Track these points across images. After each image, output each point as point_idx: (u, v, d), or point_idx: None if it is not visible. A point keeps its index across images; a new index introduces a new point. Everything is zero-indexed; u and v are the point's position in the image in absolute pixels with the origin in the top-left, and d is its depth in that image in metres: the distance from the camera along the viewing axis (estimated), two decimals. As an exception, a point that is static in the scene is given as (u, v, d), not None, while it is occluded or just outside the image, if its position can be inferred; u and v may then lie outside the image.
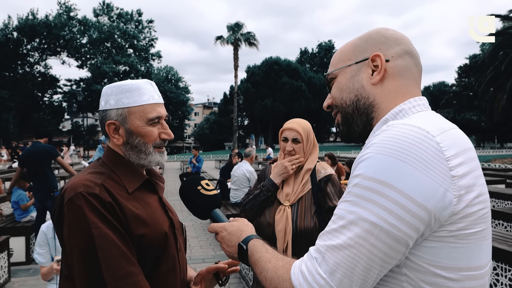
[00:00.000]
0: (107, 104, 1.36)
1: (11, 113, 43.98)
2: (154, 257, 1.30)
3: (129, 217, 1.23)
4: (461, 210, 0.79)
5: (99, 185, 1.23)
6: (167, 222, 1.39)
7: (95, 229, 1.15)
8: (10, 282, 5.14)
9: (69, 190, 1.21)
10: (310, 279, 0.82)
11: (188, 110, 64.50)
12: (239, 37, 45.21)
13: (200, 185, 1.34)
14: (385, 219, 0.77)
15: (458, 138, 0.86)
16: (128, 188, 1.31)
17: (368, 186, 0.80)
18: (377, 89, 0.98)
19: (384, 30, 1.03)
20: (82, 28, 49.61)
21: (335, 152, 42.20)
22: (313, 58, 69.25)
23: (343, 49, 1.06)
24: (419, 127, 0.82)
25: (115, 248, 1.16)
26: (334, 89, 1.06)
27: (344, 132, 1.07)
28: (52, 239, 3.02)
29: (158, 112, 1.37)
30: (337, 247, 0.81)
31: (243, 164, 7.30)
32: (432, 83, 74.78)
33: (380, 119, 0.98)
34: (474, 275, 0.83)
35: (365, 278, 0.80)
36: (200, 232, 7.88)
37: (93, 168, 1.35)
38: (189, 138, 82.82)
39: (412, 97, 0.97)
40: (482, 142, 66.89)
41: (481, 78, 34.46)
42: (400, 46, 0.99)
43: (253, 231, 1.16)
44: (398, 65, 0.98)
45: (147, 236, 1.26)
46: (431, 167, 0.78)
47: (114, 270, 1.15)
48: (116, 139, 1.36)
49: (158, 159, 1.39)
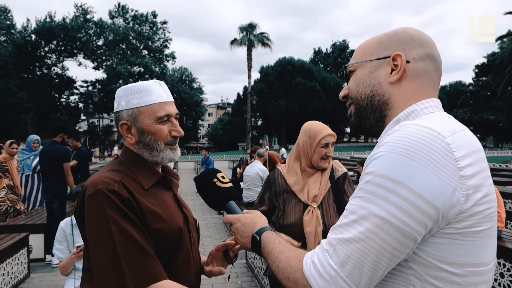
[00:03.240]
0: (119, 105, 1.44)
1: (29, 114, 44.86)
2: (170, 251, 1.36)
3: (146, 212, 1.30)
4: (468, 209, 0.82)
5: (117, 182, 1.29)
6: (182, 217, 1.46)
7: (113, 224, 1.21)
8: (30, 278, 5.28)
9: (90, 187, 1.28)
10: (322, 270, 0.86)
11: (202, 110, 64.86)
12: (253, 38, 45.28)
13: (216, 178, 1.39)
14: (395, 215, 0.80)
15: (468, 140, 0.88)
16: (144, 185, 1.37)
17: (380, 183, 0.83)
18: (393, 88, 1.00)
19: (411, 30, 1.03)
20: (98, 30, 50.33)
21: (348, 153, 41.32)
22: (327, 58, 68.88)
23: (367, 43, 1.08)
24: (430, 128, 0.85)
25: (132, 242, 1.22)
26: (352, 81, 1.08)
27: (355, 124, 1.10)
28: (70, 235, 3.12)
29: (167, 111, 1.43)
30: (348, 240, 0.84)
31: (256, 164, 7.33)
32: (449, 83, 73.79)
33: (392, 117, 1.00)
34: (478, 271, 0.86)
35: (374, 271, 0.83)
36: (213, 231, 7.95)
37: (112, 166, 1.42)
38: (203, 139, 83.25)
39: (426, 98, 0.99)
40: (500, 143, 65.70)
41: (499, 78, 33.88)
42: (424, 48, 1.00)
43: (266, 223, 1.21)
44: (418, 68, 0.99)
45: (163, 230, 1.32)
46: (441, 166, 0.80)
47: (132, 263, 1.20)
48: (129, 138, 1.43)
49: (170, 155, 1.44)
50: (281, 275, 0.97)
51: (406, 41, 1.00)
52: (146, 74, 50.90)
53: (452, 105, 63.20)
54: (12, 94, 41.25)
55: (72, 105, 54.48)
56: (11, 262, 4.83)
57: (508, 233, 4.92)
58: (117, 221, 1.22)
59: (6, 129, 37.45)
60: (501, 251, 4.38)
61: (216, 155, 39.69)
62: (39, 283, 5.10)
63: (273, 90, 54.87)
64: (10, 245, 4.82)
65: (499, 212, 4.77)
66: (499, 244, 4.43)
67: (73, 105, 54.73)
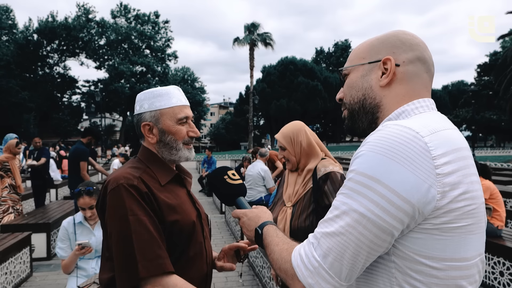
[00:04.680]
0: (141, 108, 1.58)
1: (32, 113, 44.97)
2: (184, 242, 1.48)
3: (162, 206, 1.43)
4: (444, 205, 0.85)
5: (137, 177, 1.43)
6: (195, 212, 1.59)
7: (131, 216, 1.34)
8: (32, 277, 5.32)
9: (112, 182, 1.41)
10: (306, 261, 0.93)
11: (204, 110, 64.88)
12: (255, 38, 45.29)
13: (226, 175, 1.50)
14: (372, 210, 0.85)
15: (449, 138, 0.91)
16: (161, 181, 1.51)
17: (360, 180, 0.88)
18: (384, 91, 1.04)
19: (402, 34, 1.06)
20: (100, 29, 50.37)
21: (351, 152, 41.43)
22: (329, 57, 68.80)
23: (360, 46, 1.11)
24: (409, 127, 0.89)
25: (147, 233, 1.34)
26: (346, 86, 1.12)
27: (348, 127, 1.15)
28: (72, 234, 3.15)
29: (186, 113, 1.58)
30: (330, 234, 0.90)
31: (258, 164, 7.34)
32: (451, 82, 73.58)
33: (384, 118, 1.04)
34: (458, 265, 0.89)
35: (353, 263, 0.88)
36: (215, 230, 7.97)
37: (131, 164, 1.56)
38: (205, 138, 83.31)
39: (418, 99, 1.02)
40: (503, 142, 65.51)
41: (501, 77, 33.78)
42: (414, 52, 1.03)
43: (270, 218, 1.28)
44: (407, 71, 1.02)
45: (178, 222, 1.45)
46: (417, 165, 0.84)
47: (145, 252, 1.32)
48: (151, 138, 1.57)
49: (187, 154, 1.59)
50: (275, 266, 1.06)
51: (396, 45, 1.04)
52: (148, 74, 50.97)
53: (454, 105, 63.01)
54: (14, 94, 41.36)
55: (74, 105, 54.59)
56: (14, 261, 4.87)
57: (508, 232, 4.93)
58: (135, 213, 1.35)
59: (8, 129, 37.56)
60: (501, 250, 4.38)
61: (218, 155, 39.69)
62: (42, 282, 5.14)
63: (275, 89, 54.86)
64: (13, 244, 4.86)
65: (498, 211, 4.77)
66: (498, 243, 4.44)
67: (75, 104, 54.85)
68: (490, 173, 5.41)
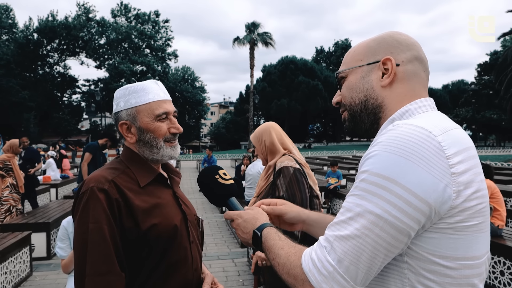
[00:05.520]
0: (118, 106, 1.49)
1: (32, 113, 44.98)
2: (162, 248, 1.37)
3: (136, 211, 1.32)
4: (459, 204, 0.85)
5: (109, 181, 1.33)
6: (180, 215, 1.47)
7: (92, 223, 1.25)
8: (32, 276, 5.32)
9: (84, 184, 1.34)
10: (320, 266, 0.89)
11: (204, 109, 64.85)
12: (255, 37, 45.27)
13: (217, 174, 1.40)
14: (389, 211, 0.83)
15: (459, 138, 0.91)
16: (141, 183, 1.41)
17: (374, 181, 0.86)
18: (386, 91, 1.04)
19: (397, 34, 1.07)
20: (100, 29, 50.41)
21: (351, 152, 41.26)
22: (329, 56, 68.79)
23: (356, 49, 1.11)
24: (422, 127, 0.88)
25: (104, 244, 1.24)
26: (344, 88, 1.11)
27: (349, 128, 1.14)
28: (72, 234, 3.14)
29: (165, 108, 1.46)
30: (344, 237, 0.87)
31: (257, 163, 7.32)
32: (451, 82, 73.54)
33: (387, 118, 1.03)
34: (470, 264, 0.89)
35: (370, 266, 0.86)
36: (215, 229, 7.97)
37: (110, 165, 1.47)
38: (205, 137, 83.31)
39: (418, 98, 1.02)
40: (503, 141, 65.47)
41: (502, 76, 33.75)
42: (411, 51, 1.04)
43: (267, 220, 1.23)
44: (407, 70, 1.03)
45: (155, 227, 1.34)
46: (432, 164, 0.84)
47: (96, 265, 1.23)
48: (130, 137, 1.47)
49: (170, 152, 1.48)
50: (281, 271, 1.01)
51: (394, 45, 1.04)
52: (148, 73, 50.95)
53: (454, 104, 62.94)
54: (14, 93, 41.39)
55: (74, 104, 54.67)
56: (14, 260, 4.86)
57: (508, 232, 4.92)
58: (97, 220, 1.25)
59: (8, 128, 37.54)
60: (501, 249, 4.38)
61: (219, 154, 39.70)
62: (42, 281, 5.14)
63: (275, 89, 54.86)
64: (13, 244, 4.85)
65: (499, 210, 4.76)
66: (499, 242, 4.44)
67: (75, 104, 54.93)
68: (492, 173, 5.42)
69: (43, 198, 9.90)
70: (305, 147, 54.23)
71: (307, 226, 1.31)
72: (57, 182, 11.42)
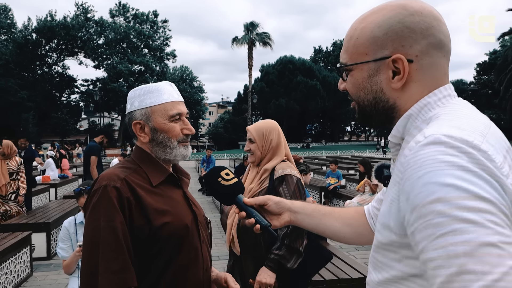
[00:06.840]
0: (132, 106, 1.50)
1: (30, 112, 44.89)
2: (173, 248, 1.38)
3: (148, 209, 1.33)
4: None
5: (121, 179, 1.34)
6: (190, 215, 1.49)
7: (104, 221, 1.26)
8: (32, 277, 5.31)
9: (97, 182, 1.36)
10: None
11: (203, 109, 64.87)
12: (254, 37, 45.27)
13: (220, 177, 1.40)
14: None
15: (499, 138, 0.80)
16: (153, 182, 1.42)
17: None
18: (398, 92, 0.90)
19: (408, 15, 0.86)
20: (99, 29, 50.31)
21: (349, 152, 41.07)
22: (327, 56, 68.70)
23: (359, 36, 0.92)
24: (461, 138, 0.72)
25: (116, 242, 1.26)
26: (350, 84, 0.98)
27: (360, 121, 1.03)
28: (74, 234, 3.13)
29: (178, 109, 1.49)
30: None
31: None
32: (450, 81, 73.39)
33: (401, 116, 0.92)
34: None
35: None
36: (215, 229, 7.96)
37: (122, 164, 1.49)
38: (204, 137, 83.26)
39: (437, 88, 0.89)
40: (501, 141, 65.48)
41: (501, 76, 33.77)
42: (427, 39, 0.86)
43: None
44: (423, 65, 0.87)
45: (167, 226, 1.35)
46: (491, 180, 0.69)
47: (109, 263, 1.24)
48: (143, 137, 1.48)
49: (183, 152, 1.50)
50: None
51: (404, 35, 0.87)
52: (146, 73, 50.89)
53: (453, 104, 62.71)
54: (13, 93, 41.30)
55: (73, 104, 54.54)
56: (14, 261, 4.85)
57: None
58: (109, 218, 1.26)
59: (7, 128, 37.45)
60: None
61: (217, 154, 39.67)
62: (42, 281, 5.13)
63: (274, 88, 54.82)
64: (13, 244, 4.84)
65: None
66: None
67: (74, 104, 54.78)
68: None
69: (42, 198, 9.89)
70: (304, 147, 54.22)
71: (294, 214, 1.25)
72: (56, 182, 11.41)
